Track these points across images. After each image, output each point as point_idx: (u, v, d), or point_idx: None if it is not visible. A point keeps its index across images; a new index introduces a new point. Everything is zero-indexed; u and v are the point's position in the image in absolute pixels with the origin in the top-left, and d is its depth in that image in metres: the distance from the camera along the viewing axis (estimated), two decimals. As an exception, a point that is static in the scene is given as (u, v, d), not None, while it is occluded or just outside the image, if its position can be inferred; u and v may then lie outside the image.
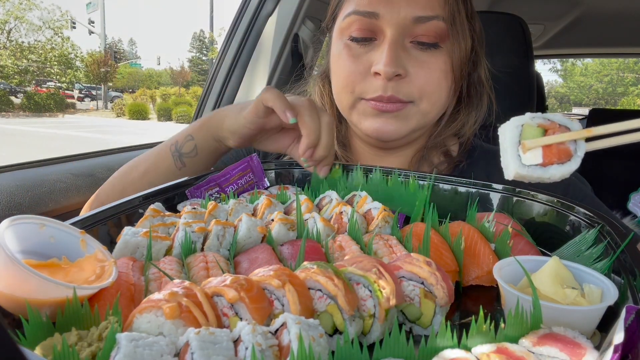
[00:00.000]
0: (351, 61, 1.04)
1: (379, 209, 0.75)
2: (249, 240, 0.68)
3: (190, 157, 1.04)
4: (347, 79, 1.05)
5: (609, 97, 44.17)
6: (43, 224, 0.55)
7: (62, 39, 33.74)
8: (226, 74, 2.05)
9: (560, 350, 0.42)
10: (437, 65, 1.01)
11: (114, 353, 0.40)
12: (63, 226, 0.57)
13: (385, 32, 1.00)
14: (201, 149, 1.04)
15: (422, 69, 1.00)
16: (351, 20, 1.04)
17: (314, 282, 0.50)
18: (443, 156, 1.14)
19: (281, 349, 0.42)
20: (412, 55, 1.01)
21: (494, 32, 1.76)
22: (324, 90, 1.20)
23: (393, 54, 0.97)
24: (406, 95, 1.00)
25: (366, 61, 1.02)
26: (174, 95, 34.68)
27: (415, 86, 1.00)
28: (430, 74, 1.01)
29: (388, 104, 1.00)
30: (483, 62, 1.14)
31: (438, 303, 0.54)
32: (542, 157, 0.59)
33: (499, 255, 0.67)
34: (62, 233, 0.57)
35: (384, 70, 0.96)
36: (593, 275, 0.55)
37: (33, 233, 0.54)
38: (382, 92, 0.99)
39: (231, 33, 2.05)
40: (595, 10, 2.94)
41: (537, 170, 0.59)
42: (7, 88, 31.18)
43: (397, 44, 0.99)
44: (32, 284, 0.46)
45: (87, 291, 0.49)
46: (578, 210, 0.71)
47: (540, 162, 0.59)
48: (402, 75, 0.99)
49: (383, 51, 0.98)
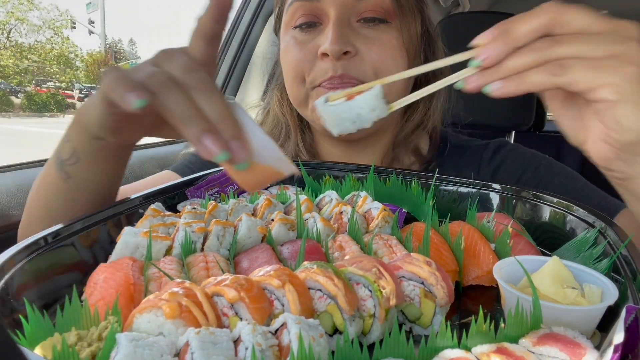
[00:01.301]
0: (298, 49, 1.01)
1: (379, 209, 0.75)
2: (249, 240, 0.68)
3: (71, 164, 0.74)
4: (295, 69, 1.01)
5: (609, 97, 44.16)
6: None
7: (62, 38, 33.76)
8: (226, 75, 2.05)
9: (560, 350, 0.42)
10: (388, 41, 0.98)
11: (114, 353, 0.40)
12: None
13: (329, 13, 0.97)
14: (82, 153, 0.73)
15: (373, 45, 0.97)
16: (293, 9, 1.01)
17: (314, 282, 0.50)
18: (413, 155, 1.12)
19: (281, 349, 0.42)
20: (360, 33, 0.98)
21: (494, 32, 1.76)
22: (282, 99, 1.16)
23: (338, 31, 0.94)
24: (359, 73, 0.96)
25: (313, 47, 0.99)
26: (174, 95, 34.54)
27: (367, 63, 0.97)
28: (383, 50, 0.97)
29: (342, 85, 0.96)
30: (440, 47, 1.11)
31: (438, 303, 0.54)
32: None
33: (499, 255, 0.67)
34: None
35: (330, 48, 0.92)
36: (593, 275, 0.55)
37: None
38: (332, 73, 0.95)
39: (231, 33, 2.05)
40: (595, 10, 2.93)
41: (343, 105, 0.62)
42: (7, 88, 31.18)
43: (343, 23, 0.96)
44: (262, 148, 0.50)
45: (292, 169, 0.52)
46: (578, 210, 0.71)
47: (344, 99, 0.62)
48: (352, 52, 0.95)
49: (328, 31, 0.95)
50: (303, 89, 1.02)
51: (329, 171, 0.98)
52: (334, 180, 0.96)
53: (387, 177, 0.90)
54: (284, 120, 1.17)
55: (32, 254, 0.57)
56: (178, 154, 1.89)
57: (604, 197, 0.96)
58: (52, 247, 0.60)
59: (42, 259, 0.58)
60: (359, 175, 0.94)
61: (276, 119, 1.18)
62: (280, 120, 1.17)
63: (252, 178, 0.51)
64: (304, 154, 1.13)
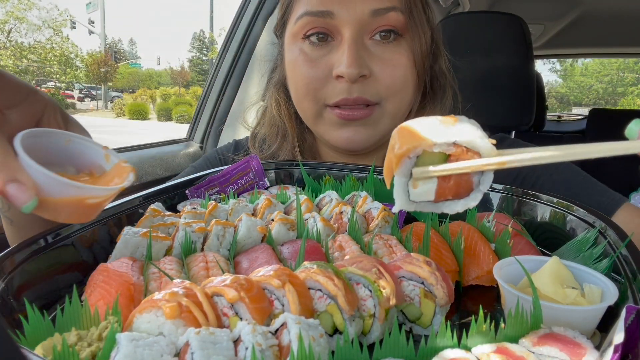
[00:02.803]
0: (309, 66, 0.99)
1: (379, 209, 0.75)
2: (249, 240, 0.68)
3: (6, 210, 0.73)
4: (307, 86, 1.00)
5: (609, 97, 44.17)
6: (69, 138, 0.56)
7: (61, 38, 33.77)
8: (226, 74, 2.05)
9: (560, 350, 0.42)
10: (400, 61, 0.98)
11: (114, 353, 0.40)
12: (88, 141, 0.58)
13: (343, 31, 0.96)
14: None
15: (386, 67, 0.97)
16: (304, 22, 0.98)
17: (314, 282, 0.50)
18: None
19: (281, 349, 0.42)
20: (373, 53, 0.97)
21: (494, 32, 1.77)
22: (280, 100, 1.15)
23: (355, 54, 0.93)
24: (372, 95, 0.96)
25: (325, 65, 0.97)
26: (174, 95, 34.68)
27: (381, 85, 0.97)
28: (395, 71, 0.97)
29: (355, 111, 0.97)
30: (443, 53, 1.11)
31: (438, 303, 0.54)
32: (435, 192, 0.47)
33: (499, 255, 0.67)
34: (88, 148, 0.57)
35: (348, 72, 0.92)
36: (593, 275, 0.55)
37: (60, 147, 0.55)
38: (346, 95, 0.95)
39: (231, 33, 2.05)
40: (595, 10, 2.94)
41: (428, 206, 0.49)
42: (7, 88, 31.05)
43: (357, 43, 0.95)
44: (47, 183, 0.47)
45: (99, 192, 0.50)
46: (578, 210, 0.71)
47: (432, 198, 0.48)
48: (367, 75, 0.95)
49: (343, 52, 0.94)
50: (315, 105, 1.01)
51: (329, 171, 0.98)
52: (334, 180, 0.96)
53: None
54: (281, 124, 1.16)
55: (32, 254, 0.57)
56: (178, 153, 1.90)
57: (604, 190, 0.96)
58: (52, 247, 0.60)
59: (42, 259, 0.58)
60: (359, 175, 0.94)
61: (273, 121, 1.17)
62: (277, 122, 1.17)
63: (62, 213, 0.50)
64: (303, 156, 1.13)
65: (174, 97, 33.29)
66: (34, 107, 0.60)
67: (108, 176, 0.55)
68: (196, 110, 2.15)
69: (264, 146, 1.19)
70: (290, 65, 1.04)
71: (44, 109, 0.61)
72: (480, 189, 0.47)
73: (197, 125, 2.12)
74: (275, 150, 1.16)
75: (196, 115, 2.14)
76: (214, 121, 2.09)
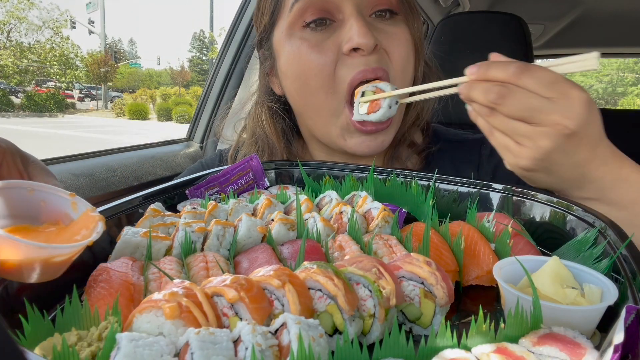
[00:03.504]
0: (316, 51, 0.95)
1: (379, 209, 0.75)
2: (249, 240, 0.68)
3: None
4: (319, 75, 0.95)
5: (609, 97, 44.15)
6: (32, 188, 0.55)
7: (61, 38, 33.77)
8: (226, 74, 2.05)
9: (560, 350, 0.42)
10: (404, 36, 0.98)
11: (114, 353, 0.40)
12: (52, 189, 0.56)
13: (343, 8, 0.94)
14: None
15: (393, 40, 0.96)
16: (301, 6, 0.95)
17: (314, 282, 0.50)
18: (408, 147, 1.13)
19: (281, 349, 0.42)
20: (377, 27, 0.96)
21: (494, 32, 1.77)
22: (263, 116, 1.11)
23: (365, 24, 0.91)
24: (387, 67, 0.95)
25: (333, 45, 0.94)
26: (174, 95, 34.69)
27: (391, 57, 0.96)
28: (401, 44, 0.97)
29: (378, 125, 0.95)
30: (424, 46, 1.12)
31: (438, 303, 0.53)
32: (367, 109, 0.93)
33: (499, 255, 0.67)
34: (53, 196, 0.56)
35: (364, 42, 0.89)
36: (593, 275, 0.55)
37: (23, 198, 0.54)
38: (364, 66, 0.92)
39: (231, 33, 2.05)
40: (595, 10, 2.94)
41: (365, 117, 0.93)
42: (7, 88, 31.19)
43: (363, 15, 0.94)
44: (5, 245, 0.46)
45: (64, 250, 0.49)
46: (578, 210, 0.71)
47: (366, 112, 0.93)
48: (379, 46, 0.93)
49: (351, 26, 0.91)
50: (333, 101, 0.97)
51: (329, 171, 0.98)
52: (333, 180, 0.96)
53: (387, 177, 0.90)
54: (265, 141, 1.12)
55: (32, 254, 0.57)
56: (178, 153, 1.89)
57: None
58: (52, 247, 0.60)
59: (42, 259, 0.58)
60: (359, 175, 0.94)
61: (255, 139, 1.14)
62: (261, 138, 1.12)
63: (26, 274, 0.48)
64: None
65: (174, 97, 33.30)
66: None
67: (75, 226, 0.54)
68: (196, 110, 2.15)
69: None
70: (292, 58, 0.99)
71: (1, 158, 0.60)
72: (383, 107, 0.92)
73: (197, 125, 2.12)
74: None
75: (196, 115, 2.14)
76: (214, 121, 2.09)
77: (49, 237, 0.53)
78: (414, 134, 1.15)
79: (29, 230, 0.52)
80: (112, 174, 1.48)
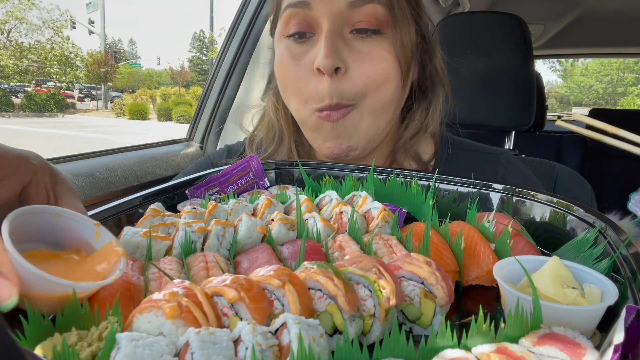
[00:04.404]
0: (294, 63, 0.99)
1: (379, 209, 0.75)
2: (249, 240, 0.68)
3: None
4: (294, 85, 0.99)
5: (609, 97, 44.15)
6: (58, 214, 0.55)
7: (62, 38, 33.78)
8: (226, 74, 2.05)
9: (560, 350, 0.42)
10: (379, 55, 0.95)
11: (114, 353, 0.40)
12: (78, 217, 0.57)
13: (321, 23, 0.95)
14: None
15: (363, 62, 0.95)
16: (287, 15, 0.98)
17: (314, 282, 0.50)
18: (414, 162, 1.10)
19: (281, 349, 0.42)
20: (352, 47, 0.95)
21: (494, 32, 1.77)
22: (277, 104, 1.15)
23: (330, 44, 0.92)
24: (351, 93, 0.95)
25: (308, 62, 0.97)
26: (174, 95, 34.69)
27: (359, 80, 0.95)
28: (374, 65, 0.95)
29: (333, 111, 0.96)
30: (438, 52, 1.10)
31: (438, 303, 0.53)
32: None
33: (499, 255, 0.67)
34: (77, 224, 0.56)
35: (323, 63, 0.90)
36: (593, 275, 0.55)
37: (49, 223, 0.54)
38: (328, 100, 0.94)
39: (231, 33, 2.05)
40: (595, 10, 2.94)
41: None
42: (7, 88, 31.18)
43: (335, 35, 0.94)
44: (32, 279, 0.46)
45: (87, 288, 0.49)
46: (578, 210, 0.71)
47: None
48: (342, 69, 0.93)
49: (320, 44, 0.93)
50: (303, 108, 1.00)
51: (329, 171, 0.98)
52: (333, 180, 0.96)
53: (387, 177, 0.90)
54: (278, 126, 1.16)
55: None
56: (178, 153, 1.89)
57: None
58: (52, 247, 0.60)
59: (42, 259, 0.58)
60: (359, 175, 0.94)
61: (270, 124, 1.17)
62: (274, 125, 1.17)
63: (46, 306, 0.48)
64: (299, 159, 1.13)
65: (174, 97, 33.30)
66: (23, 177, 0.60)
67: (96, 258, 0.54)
68: (196, 110, 2.15)
69: (261, 149, 1.19)
70: (277, 63, 1.04)
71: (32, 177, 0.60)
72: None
73: (197, 125, 2.12)
74: (272, 154, 1.16)
75: (196, 115, 2.14)
76: (214, 121, 2.09)
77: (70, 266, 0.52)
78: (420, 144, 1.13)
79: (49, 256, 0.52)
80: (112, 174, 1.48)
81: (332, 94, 0.94)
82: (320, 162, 1.01)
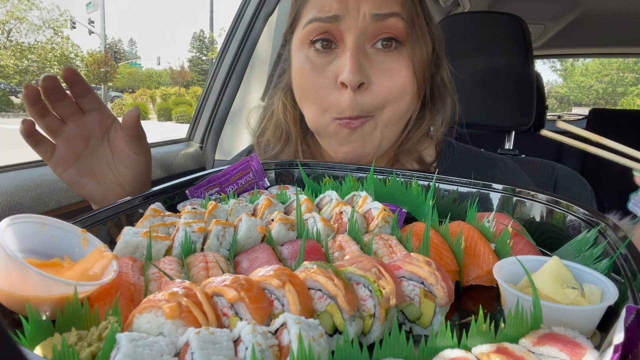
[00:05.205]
0: (316, 74, 1.01)
1: (379, 209, 0.75)
2: (249, 240, 0.68)
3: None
4: (315, 96, 1.02)
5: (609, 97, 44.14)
6: (44, 223, 0.55)
7: (62, 38, 33.78)
8: (226, 74, 2.05)
9: (560, 350, 0.42)
10: (399, 72, 0.99)
11: (114, 353, 0.40)
12: (64, 225, 0.57)
13: (346, 37, 0.98)
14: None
15: (384, 77, 0.99)
16: (311, 28, 1.01)
17: (314, 282, 0.50)
18: (417, 163, 1.13)
19: (281, 349, 0.42)
20: (374, 62, 0.99)
21: (494, 32, 1.77)
22: (287, 104, 1.16)
23: (356, 60, 0.95)
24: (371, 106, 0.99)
25: (330, 73, 1.00)
26: (174, 95, 34.69)
27: (379, 95, 0.99)
28: (393, 81, 0.99)
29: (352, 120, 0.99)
30: (445, 64, 1.13)
31: (438, 303, 0.53)
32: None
33: (499, 255, 0.67)
34: (64, 232, 0.57)
35: (349, 79, 0.94)
36: (593, 275, 0.55)
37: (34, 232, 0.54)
38: (349, 113, 0.98)
39: (231, 33, 2.05)
40: (595, 10, 2.94)
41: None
42: (7, 88, 31.17)
43: (359, 50, 0.97)
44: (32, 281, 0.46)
45: (87, 288, 0.49)
46: (578, 210, 0.71)
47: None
48: (365, 85, 0.97)
49: (346, 59, 0.96)
50: (321, 116, 1.03)
51: (329, 171, 0.98)
52: (333, 180, 0.96)
53: (387, 177, 0.90)
54: (285, 127, 1.17)
55: (32, 254, 0.57)
56: (178, 153, 1.89)
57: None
58: (52, 247, 0.60)
59: (42, 259, 0.58)
60: (359, 175, 0.94)
61: (278, 123, 1.19)
62: (282, 125, 1.18)
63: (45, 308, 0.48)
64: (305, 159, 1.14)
65: (174, 97, 33.30)
66: (106, 119, 0.84)
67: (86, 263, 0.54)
68: (196, 110, 2.15)
69: (268, 148, 1.20)
70: (297, 72, 1.06)
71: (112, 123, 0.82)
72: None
73: (197, 125, 2.12)
74: (278, 153, 1.17)
75: (196, 115, 2.14)
76: (214, 121, 2.09)
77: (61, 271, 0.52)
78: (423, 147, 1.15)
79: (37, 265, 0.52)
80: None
81: (354, 108, 0.98)
82: (320, 162, 1.02)
